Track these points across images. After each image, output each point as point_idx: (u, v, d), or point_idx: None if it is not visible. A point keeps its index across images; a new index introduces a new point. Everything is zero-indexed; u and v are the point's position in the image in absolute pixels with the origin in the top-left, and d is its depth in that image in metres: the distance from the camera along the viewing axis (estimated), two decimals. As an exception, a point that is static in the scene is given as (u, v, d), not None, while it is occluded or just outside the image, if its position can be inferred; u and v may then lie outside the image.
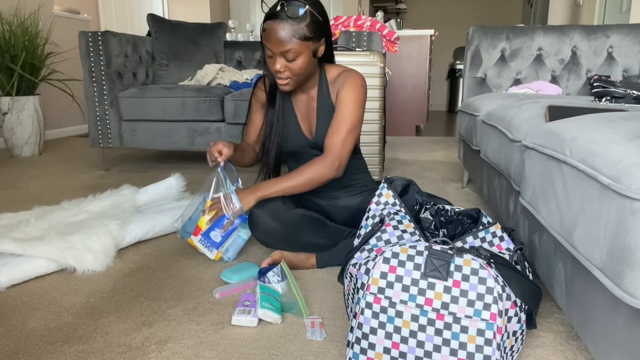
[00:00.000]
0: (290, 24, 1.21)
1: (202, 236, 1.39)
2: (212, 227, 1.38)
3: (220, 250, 1.42)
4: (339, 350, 1.00)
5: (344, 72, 1.40)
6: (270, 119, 1.45)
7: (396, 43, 2.64)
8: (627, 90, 1.67)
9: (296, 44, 1.23)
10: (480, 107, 1.90)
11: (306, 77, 1.34)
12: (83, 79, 2.72)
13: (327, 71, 1.42)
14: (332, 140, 1.34)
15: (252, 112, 1.53)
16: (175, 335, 1.05)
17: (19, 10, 3.77)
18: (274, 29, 1.22)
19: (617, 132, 0.81)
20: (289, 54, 1.24)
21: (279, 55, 1.25)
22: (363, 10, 6.32)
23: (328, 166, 1.33)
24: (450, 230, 1.10)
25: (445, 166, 2.97)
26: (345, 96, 1.35)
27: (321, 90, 1.41)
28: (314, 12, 1.25)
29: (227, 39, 3.45)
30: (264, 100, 1.48)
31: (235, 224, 1.39)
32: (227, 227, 1.37)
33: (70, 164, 3.08)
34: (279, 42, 1.22)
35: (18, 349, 1.01)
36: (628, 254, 0.67)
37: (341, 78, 1.38)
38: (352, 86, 1.36)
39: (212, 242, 1.40)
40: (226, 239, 1.41)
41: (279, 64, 1.26)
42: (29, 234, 1.49)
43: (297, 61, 1.26)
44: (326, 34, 1.31)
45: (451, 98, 7.54)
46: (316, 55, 1.31)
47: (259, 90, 1.49)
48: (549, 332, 1.07)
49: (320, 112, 1.42)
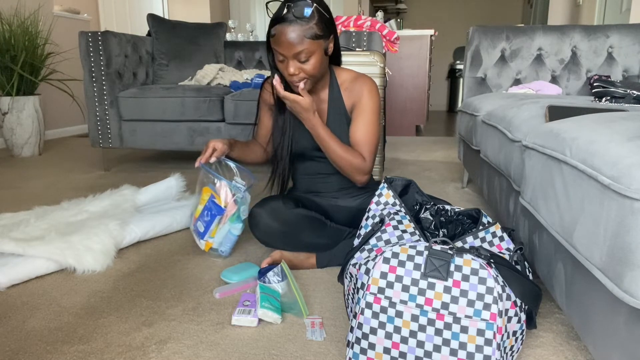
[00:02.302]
0: (300, 24, 1.20)
1: (194, 226, 1.46)
2: (199, 218, 1.44)
3: (207, 240, 1.43)
4: (339, 350, 1.00)
5: (359, 77, 1.40)
6: (281, 126, 1.44)
7: (396, 43, 2.64)
8: (627, 90, 1.67)
9: (308, 44, 1.22)
10: (480, 107, 1.90)
11: (320, 77, 1.33)
12: (83, 79, 2.72)
13: (337, 74, 1.42)
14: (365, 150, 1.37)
15: (261, 113, 1.54)
16: (175, 335, 1.05)
17: (19, 10, 3.77)
18: (284, 33, 1.20)
19: (617, 132, 0.81)
20: (302, 55, 1.23)
21: (291, 58, 1.23)
22: (363, 10, 6.32)
23: (361, 172, 1.36)
24: (450, 230, 1.10)
25: (445, 166, 2.97)
26: (368, 106, 1.38)
27: (332, 93, 1.41)
28: (321, 10, 1.24)
29: (227, 39, 3.45)
30: (271, 102, 1.47)
31: (214, 215, 1.41)
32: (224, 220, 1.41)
33: (70, 164, 3.08)
34: (291, 44, 1.20)
35: (18, 349, 1.01)
36: (628, 254, 0.67)
37: (358, 84, 1.39)
38: (371, 91, 1.39)
39: (198, 231, 1.45)
40: (208, 229, 1.42)
41: (292, 67, 1.24)
42: (29, 234, 1.49)
43: (311, 61, 1.25)
44: (334, 30, 1.31)
45: (451, 98, 7.55)
46: (327, 54, 1.30)
47: (265, 92, 1.49)
48: (549, 332, 1.07)
49: (331, 115, 1.41)
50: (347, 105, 1.41)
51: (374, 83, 1.40)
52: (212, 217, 1.41)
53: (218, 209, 1.40)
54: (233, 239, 1.46)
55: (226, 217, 1.41)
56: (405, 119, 4.42)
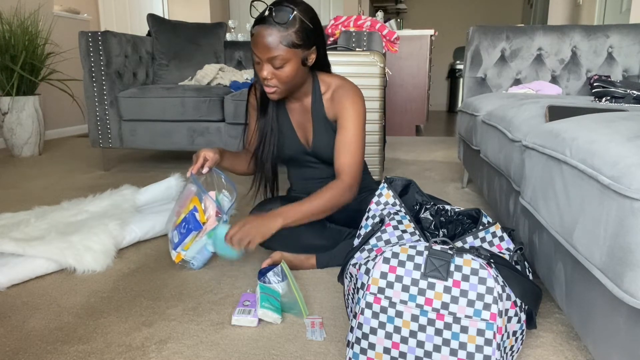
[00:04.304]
0: (278, 29, 1.17)
1: (171, 233, 1.41)
2: (176, 227, 1.38)
3: (179, 252, 1.38)
4: (339, 350, 1.00)
5: (340, 86, 1.35)
6: (262, 128, 1.41)
7: (396, 43, 2.64)
8: (627, 90, 1.67)
9: (283, 51, 1.19)
10: (480, 107, 1.90)
11: (295, 86, 1.29)
12: (83, 79, 2.72)
13: (320, 81, 1.37)
14: (344, 163, 1.30)
15: (250, 118, 1.49)
16: (175, 335, 1.05)
17: (19, 10, 3.77)
18: (261, 35, 1.18)
19: (617, 132, 0.81)
20: (276, 61, 1.20)
21: (266, 61, 1.21)
22: (363, 10, 6.32)
23: (347, 191, 1.28)
24: (450, 230, 1.10)
25: (445, 166, 2.97)
26: (349, 115, 1.31)
27: (315, 102, 1.37)
28: (304, 19, 1.20)
29: (227, 39, 3.45)
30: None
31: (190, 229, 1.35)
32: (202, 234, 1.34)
33: (70, 164, 3.08)
34: (266, 48, 1.18)
35: (18, 349, 1.01)
36: (628, 254, 0.67)
37: (338, 93, 1.34)
38: (353, 103, 1.32)
39: (172, 241, 1.40)
40: (182, 241, 1.36)
41: (265, 70, 1.22)
42: (29, 234, 1.49)
43: (285, 69, 1.22)
44: (318, 41, 1.27)
45: (451, 98, 7.54)
46: (306, 64, 1.26)
47: (251, 96, 1.46)
48: (549, 332, 1.07)
49: (315, 123, 1.39)
50: (329, 115, 1.37)
51: (356, 90, 1.34)
52: (188, 230, 1.35)
53: (196, 224, 1.35)
54: (207, 255, 1.40)
55: (204, 232, 1.35)
56: (405, 119, 4.42)
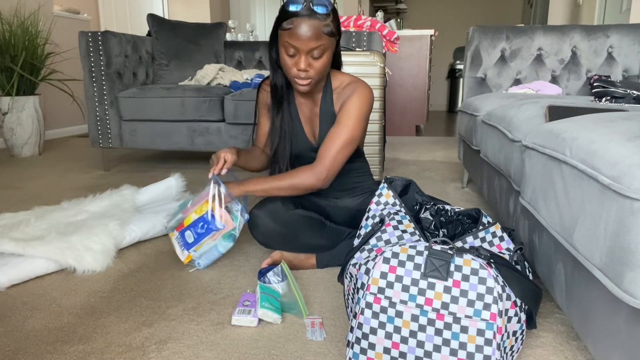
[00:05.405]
0: (319, 19, 1.19)
1: (179, 234, 1.38)
2: (189, 227, 1.35)
3: (190, 253, 1.37)
4: (339, 350, 1.00)
5: (353, 82, 1.36)
6: (279, 126, 1.41)
7: (396, 43, 2.64)
8: (627, 90, 1.67)
9: (325, 40, 1.22)
10: (480, 107, 1.90)
11: (324, 77, 1.32)
12: (83, 79, 2.72)
13: (332, 77, 1.39)
14: (325, 151, 1.31)
15: (260, 116, 1.49)
16: (175, 335, 1.05)
17: (19, 10, 3.77)
18: (302, 26, 1.18)
19: (617, 132, 0.81)
20: (317, 51, 1.22)
21: (305, 53, 1.22)
22: (363, 10, 6.32)
23: (315, 176, 1.29)
24: (450, 230, 1.10)
25: (445, 166, 2.97)
26: (350, 108, 1.32)
27: (325, 97, 1.39)
28: (335, 8, 1.25)
29: (227, 39, 3.45)
30: (269, 103, 1.45)
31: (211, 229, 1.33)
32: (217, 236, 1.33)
33: (70, 164, 3.08)
34: (309, 39, 1.19)
35: (18, 349, 1.01)
36: (628, 254, 0.66)
37: (349, 88, 1.35)
38: (358, 99, 1.32)
39: (185, 242, 1.37)
40: (198, 242, 1.35)
41: (304, 62, 1.22)
42: (29, 234, 1.49)
43: (323, 58, 1.24)
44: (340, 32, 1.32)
45: (451, 98, 7.54)
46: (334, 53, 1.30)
47: (263, 92, 1.46)
48: (549, 332, 1.07)
49: (322, 118, 1.40)
50: (336, 109, 1.38)
51: (367, 88, 1.34)
52: (208, 230, 1.33)
53: (216, 225, 1.33)
54: (216, 256, 1.39)
55: (220, 234, 1.34)
56: (405, 119, 4.42)
